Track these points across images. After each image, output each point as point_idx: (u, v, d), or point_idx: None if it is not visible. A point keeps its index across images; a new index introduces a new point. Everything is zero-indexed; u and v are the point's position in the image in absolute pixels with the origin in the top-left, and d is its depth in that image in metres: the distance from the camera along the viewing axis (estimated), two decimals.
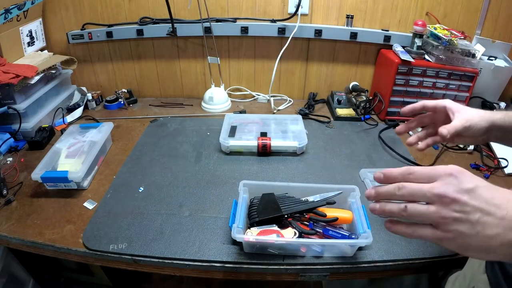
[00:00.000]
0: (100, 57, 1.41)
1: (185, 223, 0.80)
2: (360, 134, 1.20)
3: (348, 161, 1.04)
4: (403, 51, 1.21)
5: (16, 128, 1.08)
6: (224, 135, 1.07)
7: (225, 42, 1.36)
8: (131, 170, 0.99)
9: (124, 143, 1.13)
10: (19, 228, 0.79)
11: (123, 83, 1.47)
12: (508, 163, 1.00)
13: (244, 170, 1.00)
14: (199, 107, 1.39)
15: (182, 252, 0.73)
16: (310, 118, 1.30)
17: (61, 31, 1.33)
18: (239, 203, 0.76)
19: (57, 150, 0.98)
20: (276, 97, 1.46)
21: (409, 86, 1.22)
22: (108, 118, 1.29)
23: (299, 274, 0.73)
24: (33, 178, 0.86)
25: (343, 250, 0.71)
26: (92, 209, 0.85)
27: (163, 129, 1.21)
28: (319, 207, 0.74)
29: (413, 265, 0.72)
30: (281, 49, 1.28)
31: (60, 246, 0.75)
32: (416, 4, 1.25)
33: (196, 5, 1.21)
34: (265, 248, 0.72)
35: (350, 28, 1.29)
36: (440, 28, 1.20)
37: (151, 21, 1.31)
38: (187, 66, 1.43)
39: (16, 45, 1.18)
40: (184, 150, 1.09)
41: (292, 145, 1.06)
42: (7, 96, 1.06)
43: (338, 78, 1.43)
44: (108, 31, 1.31)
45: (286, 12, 1.29)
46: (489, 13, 1.23)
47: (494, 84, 1.24)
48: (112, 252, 0.73)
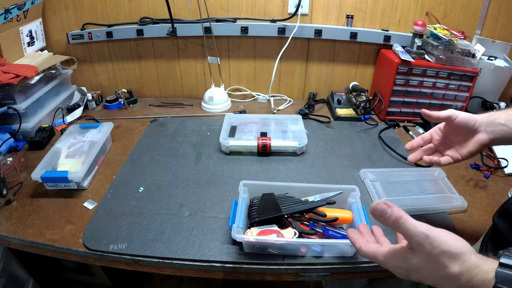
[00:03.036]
0: (100, 57, 1.41)
1: (185, 223, 0.80)
2: (360, 134, 1.20)
3: (348, 161, 1.04)
4: (403, 51, 1.21)
5: (16, 128, 1.08)
6: (224, 135, 1.07)
7: (225, 42, 1.36)
8: (131, 170, 0.99)
9: (124, 143, 1.13)
10: (19, 228, 0.79)
11: (123, 83, 1.47)
12: (508, 163, 1.00)
13: (244, 170, 1.00)
14: (199, 107, 1.39)
15: (182, 252, 0.73)
16: (310, 118, 1.30)
17: (61, 31, 1.33)
18: (239, 203, 0.76)
19: (57, 150, 0.98)
20: (276, 97, 1.46)
21: (409, 86, 1.22)
22: (108, 118, 1.29)
23: (299, 274, 0.73)
24: (33, 178, 0.86)
25: (343, 250, 0.71)
26: (92, 209, 0.85)
27: (163, 129, 1.21)
28: (319, 207, 0.74)
29: None
30: (281, 49, 1.28)
31: (60, 246, 0.75)
32: (416, 4, 1.25)
33: (196, 5, 1.21)
34: (265, 248, 0.72)
35: (350, 28, 1.28)
36: (440, 28, 1.20)
37: (151, 21, 1.31)
38: (187, 66, 1.43)
39: (16, 45, 1.18)
40: (184, 150, 1.09)
41: (292, 145, 1.06)
42: (7, 96, 1.06)
43: (338, 78, 1.43)
44: (108, 31, 1.31)
45: (286, 12, 1.29)
46: (489, 13, 1.23)
47: (494, 84, 1.24)
48: (112, 252, 0.73)
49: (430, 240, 0.40)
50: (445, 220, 0.81)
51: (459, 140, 0.65)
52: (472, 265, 0.39)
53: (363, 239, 0.52)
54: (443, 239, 0.40)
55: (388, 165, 1.02)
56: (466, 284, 0.39)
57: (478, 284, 0.38)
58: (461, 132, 0.63)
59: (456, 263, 0.39)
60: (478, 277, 0.38)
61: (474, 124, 0.61)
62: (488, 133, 0.60)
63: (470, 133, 0.62)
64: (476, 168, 1.01)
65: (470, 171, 1.01)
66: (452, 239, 0.40)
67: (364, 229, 0.56)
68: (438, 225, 0.41)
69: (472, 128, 0.61)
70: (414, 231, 0.40)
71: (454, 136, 0.66)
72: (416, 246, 0.41)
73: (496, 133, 0.60)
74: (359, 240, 0.52)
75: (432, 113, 0.64)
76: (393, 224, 0.42)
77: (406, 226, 0.41)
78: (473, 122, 0.61)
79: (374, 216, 0.43)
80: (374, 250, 0.48)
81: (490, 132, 0.60)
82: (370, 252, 0.48)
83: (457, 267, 0.39)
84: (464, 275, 0.39)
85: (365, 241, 0.52)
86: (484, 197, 0.90)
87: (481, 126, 0.61)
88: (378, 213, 0.43)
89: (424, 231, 0.40)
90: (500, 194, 0.91)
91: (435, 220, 0.81)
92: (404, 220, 0.41)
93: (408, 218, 0.41)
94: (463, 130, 0.62)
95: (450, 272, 0.39)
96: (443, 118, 0.63)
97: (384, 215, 0.42)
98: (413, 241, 0.41)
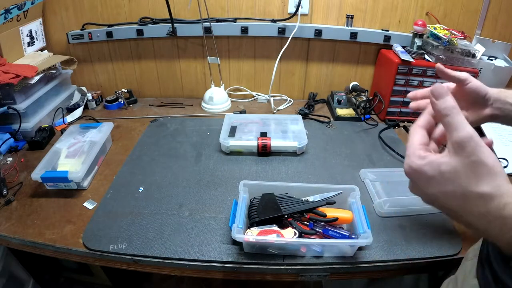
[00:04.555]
0: (100, 57, 1.41)
1: (185, 223, 0.80)
2: (360, 134, 1.20)
3: (348, 161, 1.04)
4: (403, 51, 1.21)
5: (16, 128, 1.08)
6: (224, 135, 1.07)
7: (225, 42, 1.36)
8: (131, 170, 0.99)
9: (124, 143, 1.13)
10: (19, 228, 0.79)
11: (123, 83, 1.47)
12: (508, 163, 1.00)
13: (244, 170, 1.00)
14: (199, 107, 1.39)
15: (182, 252, 0.73)
16: (310, 118, 1.30)
17: (61, 31, 1.33)
18: (239, 203, 0.76)
19: (57, 150, 0.98)
20: (276, 97, 1.46)
21: (409, 86, 1.22)
22: (108, 118, 1.29)
23: (299, 274, 0.73)
24: (33, 178, 0.86)
25: (343, 250, 0.71)
26: (92, 209, 0.85)
27: (163, 129, 1.21)
28: (319, 207, 0.74)
29: (413, 265, 0.72)
30: (281, 49, 1.28)
31: (60, 246, 0.75)
32: (416, 4, 1.25)
33: (196, 5, 1.21)
34: (265, 248, 0.72)
35: (350, 28, 1.28)
36: (440, 28, 1.20)
37: (151, 21, 1.31)
38: (187, 66, 1.43)
39: (16, 45, 1.18)
40: (184, 150, 1.09)
41: (292, 145, 1.06)
42: (7, 96, 1.06)
43: (338, 78, 1.43)
44: (108, 31, 1.31)
45: (286, 12, 1.29)
46: (489, 13, 1.23)
47: (494, 84, 1.21)
48: (112, 252, 0.73)
49: (474, 143, 0.35)
50: (445, 220, 0.81)
51: (464, 106, 0.63)
52: (507, 191, 0.34)
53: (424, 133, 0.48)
54: (485, 150, 0.36)
55: (388, 165, 1.02)
56: (495, 211, 0.34)
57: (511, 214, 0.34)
58: (469, 99, 0.62)
59: (492, 182, 0.35)
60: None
61: (485, 95, 0.59)
62: (493, 108, 0.59)
63: (477, 103, 0.61)
64: None
65: None
66: (494, 156, 0.36)
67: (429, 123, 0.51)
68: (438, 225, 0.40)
69: (482, 99, 0.60)
70: (461, 126, 0.36)
71: (460, 101, 0.63)
72: (456, 145, 0.37)
73: (502, 111, 0.59)
74: (420, 133, 0.48)
75: (448, 71, 0.62)
76: (444, 110, 0.38)
77: (455, 118, 0.37)
78: (484, 93, 0.59)
79: (432, 93, 0.40)
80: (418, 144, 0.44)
81: (496, 108, 0.59)
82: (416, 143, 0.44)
83: (491, 187, 0.35)
84: (496, 199, 0.34)
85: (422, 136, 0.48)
86: None
87: (490, 99, 0.60)
88: (437, 93, 0.39)
89: (471, 131, 0.36)
90: None
91: (436, 220, 0.81)
92: (456, 111, 0.38)
93: (460, 112, 0.38)
94: (472, 98, 0.61)
95: (482, 190, 0.35)
96: (457, 79, 0.61)
97: (442, 97, 0.39)
98: (455, 136, 0.37)
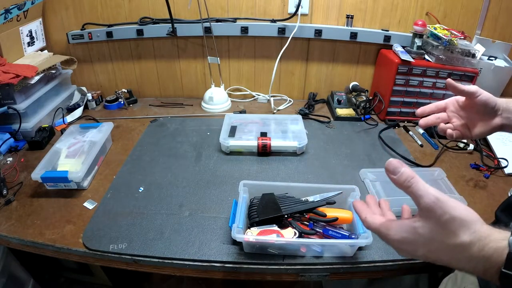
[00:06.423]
0: (100, 57, 1.41)
1: (185, 223, 0.80)
2: (360, 134, 1.20)
3: (348, 161, 1.04)
4: (403, 51, 1.21)
5: (16, 128, 1.08)
6: (224, 135, 1.07)
7: (225, 42, 1.36)
8: (131, 170, 0.99)
9: (124, 143, 1.13)
10: (19, 228, 0.79)
11: (123, 83, 1.47)
12: (508, 163, 1.00)
13: (244, 170, 1.00)
14: (199, 107, 1.39)
15: (182, 252, 0.73)
16: (310, 118, 1.30)
17: (61, 31, 1.33)
18: (239, 203, 0.76)
19: (57, 150, 0.98)
20: (276, 97, 1.46)
21: (409, 86, 1.22)
22: (108, 118, 1.29)
23: (299, 274, 0.73)
24: (33, 178, 0.86)
25: (343, 250, 0.71)
26: (92, 209, 0.85)
27: (163, 129, 1.21)
28: (319, 207, 0.74)
29: (413, 265, 0.72)
30: (281, 49, 1.28)
31: (60, 246, 0.75)
32: (416, 4, 1.25)
33: (196, 5, 1.21)
34: (265, 248, 0.72)
35: (350, 28, 1.28)
36: (440, 28, 1.20)
37: (151, 21, 1.31)
38: (187, 66, 1.43)
39: (16, 45, 1.18)
40: (184, 150, 1.09)
41: (292, 145, 1.06)
42: (7, 96, 1.06)
43: (338, 78, 1.43)
44: (108, 31, 1.31)
45: (286, 12, 1.29)
46: (489, 13, 1.23)
47: (494, 84, 1.24)
48: (112, 252, 0.73)
49: (441, 204, 0.37)
50: None
51: (474, 117, 0.64)
52: (484, 234, 0.37)
53: (369, 210, 0.50)
54: (453, 205, 0.38)
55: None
56: (477, 254, 0.37)
57: (491, 253, 0.36)
58: (479, 111, 0.62)
59: (467, 231, 0.37)
60: (491, 245, 0.36)
61: (494, 106, 0.60)
62: (503, 118, 0.60)
63: (487, 114, 0.61)
64: (476, 168, 1.01)
65: (470, 171, 1.01)
66: (463, 207, 0.38)
67: (371, 201, 0.54)
68: None
69: (491, 109, 0.60)
70: (425, 192, 0.38)
71: (470, 113, 0.65)
72: (425, 210, 0.38)
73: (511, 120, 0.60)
74: (365, 211, 0.49)
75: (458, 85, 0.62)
76: (404, 183, 0.40)
77: (417, 186, 0.39)
78: (493, 104, 0.60)
79: (387, 171, 0.41)
80: (379, 222, 0.46)
81: (505, 118, 0.60)
82: (376, 223, 0.46)
83: (468, 236, 0.37)
84: (476, 244, 0.36)
85: (371, 212, 0.49)
86: (484, 197, 0.90)
87: (499, 110, 0.60)
88: (391, 168, 0.41)
89: (435, 194, 0.38)
90: (500, 194, 0.91)
91: None
92: (416, 180, 0.39)
93: (419, 179, 0.39)
94: (481, 110, 0.62)
95: (460, 241, 0.37)
96: (467, 92, 0.62)
97: (397, 172, 0.40)
98: (422, 203, 0.38)
